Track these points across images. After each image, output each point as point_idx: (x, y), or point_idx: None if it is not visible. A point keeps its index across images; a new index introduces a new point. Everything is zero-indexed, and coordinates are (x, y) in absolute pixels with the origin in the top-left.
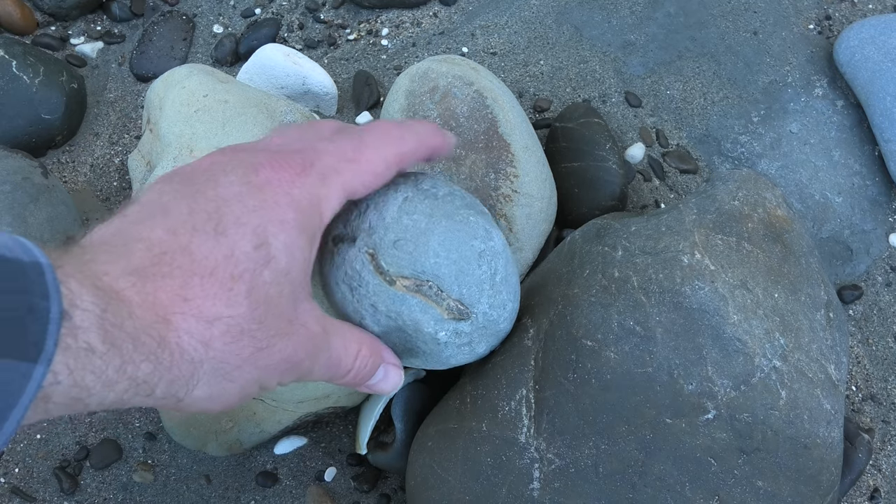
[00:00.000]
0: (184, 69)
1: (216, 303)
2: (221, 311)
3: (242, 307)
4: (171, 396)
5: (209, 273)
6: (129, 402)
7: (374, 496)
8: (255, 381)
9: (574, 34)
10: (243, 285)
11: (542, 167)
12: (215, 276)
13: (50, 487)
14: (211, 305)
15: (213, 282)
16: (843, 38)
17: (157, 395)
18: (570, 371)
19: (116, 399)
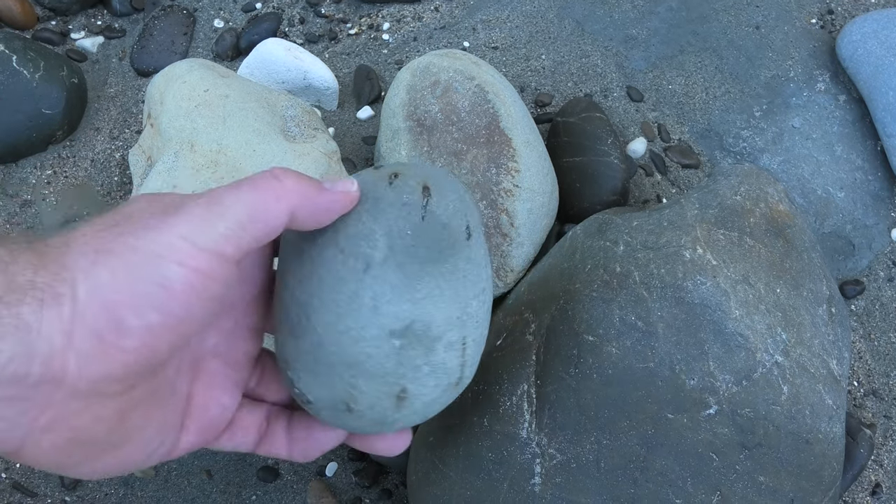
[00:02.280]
0: (184, 64)
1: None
2: (77, 226)
3: (101, 215)
4: (63, 297)
5: None
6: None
7: (375, 491)
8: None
9: (576, 28)
10: (102, 214)
11: (543, 162)
12: None
13: (51, 483)
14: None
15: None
16: (846, 33)
17: (48, 300)
18: (571, 366)
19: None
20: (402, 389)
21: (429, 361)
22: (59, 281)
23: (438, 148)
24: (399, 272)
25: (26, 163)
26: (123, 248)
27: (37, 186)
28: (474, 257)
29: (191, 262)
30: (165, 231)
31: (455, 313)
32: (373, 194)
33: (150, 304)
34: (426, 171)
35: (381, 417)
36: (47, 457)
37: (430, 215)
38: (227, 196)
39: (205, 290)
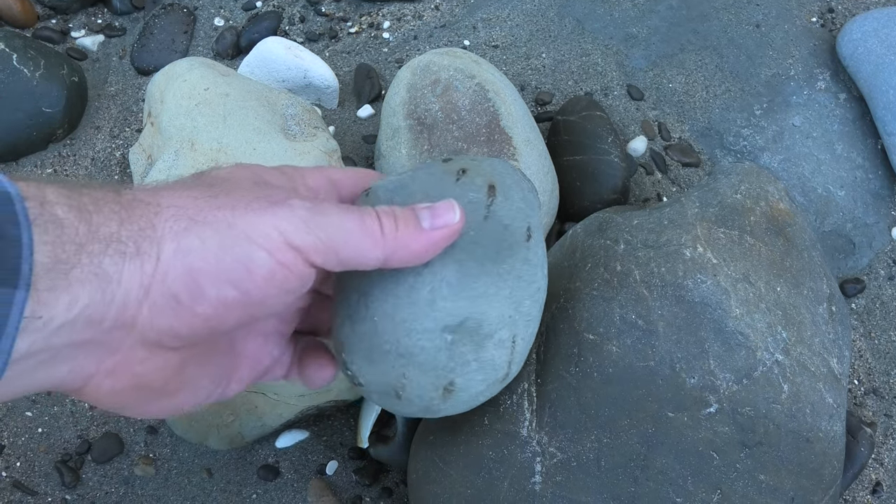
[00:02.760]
0: (185, 62)
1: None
2: (167, 184)
3: (185, 180)
4: (146, 254)
5: None
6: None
7: (375, 490)
8: (233, 225)
9: (576, 27)
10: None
11: (543, 160)
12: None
13: (51, 481)
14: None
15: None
16: (846, 31)
17: (130, 253)
18: (571, 365)
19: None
20: (450, 382)
21: (478, 357)
22: (145, 238)
23: (439, 146)
24: (458, 269)
25: (27, 161)
26: (219, 222)
27: None
28: (532, 258)
29: (278, 255)
30: (265, 219)
31: (508, 312)
32: (438, 188)
33: (230, 280)
34: (494, 167)
35: (428, 406)
36: (107, 398)
37: (493, 215)
38: (334, 214)
39: (284, 283)
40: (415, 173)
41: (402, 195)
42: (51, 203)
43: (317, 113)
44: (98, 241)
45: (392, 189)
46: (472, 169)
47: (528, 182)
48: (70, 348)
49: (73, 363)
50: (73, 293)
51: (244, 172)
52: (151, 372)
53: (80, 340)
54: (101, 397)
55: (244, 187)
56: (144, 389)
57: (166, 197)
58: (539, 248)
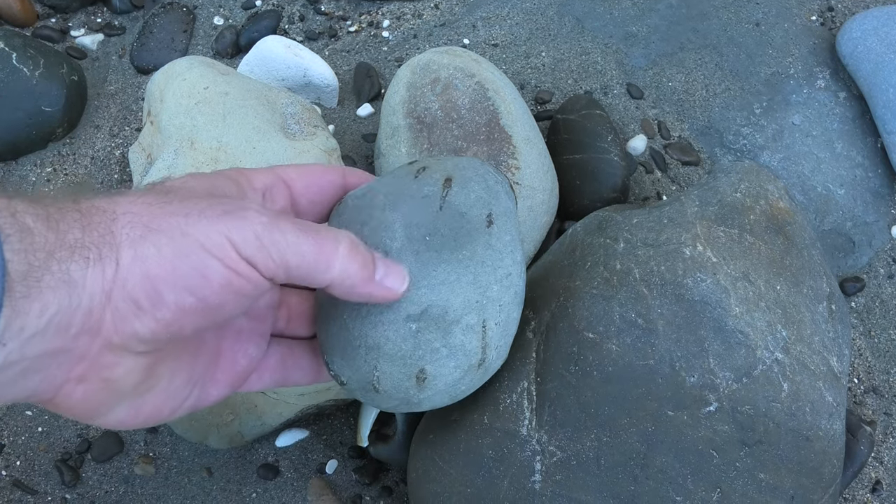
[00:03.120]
0: (184, 61)
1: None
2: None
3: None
4: (108, 259)
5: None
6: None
7: (375, 489)
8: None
9: (576, 26)
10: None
11: (543, 159)
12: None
13: (51, 480)
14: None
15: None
16: (846, 30)
17: (93, 259)
18: (571, 363)
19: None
20: (420, 370)
21: (446, 343)
22: (105, 244)
23: (439, 145)
24: (415, 260)
25: (26, 160)
26: (173, 229)
27: (37, 184)
28: (495, 244)
29: (231, 264)
30: (218, 228)
31: (474, 297)
32: (397, 188)
33: (187, 286)
34: (457, 164)
35: (406, 397)
36: (79, 405)
37: (449, 205)
38: (291, 233)
39: (240, 289)
40: (382, 178)
41: (366, 198)
42: (20, 213)
43: (316, 112)
44: (65, 247)
45: (358, 195)
46: (432, 167)
47: (496, 175)
48: (42, 357)
49: (44, 373)
50: (43, 300)
51: (198, 182)
52: (121, 377)
53: (51, 349)
54: (74, 405)
55: (198, 195)
56: (116, 395)
57: (122, 204)
58: (506, 234)
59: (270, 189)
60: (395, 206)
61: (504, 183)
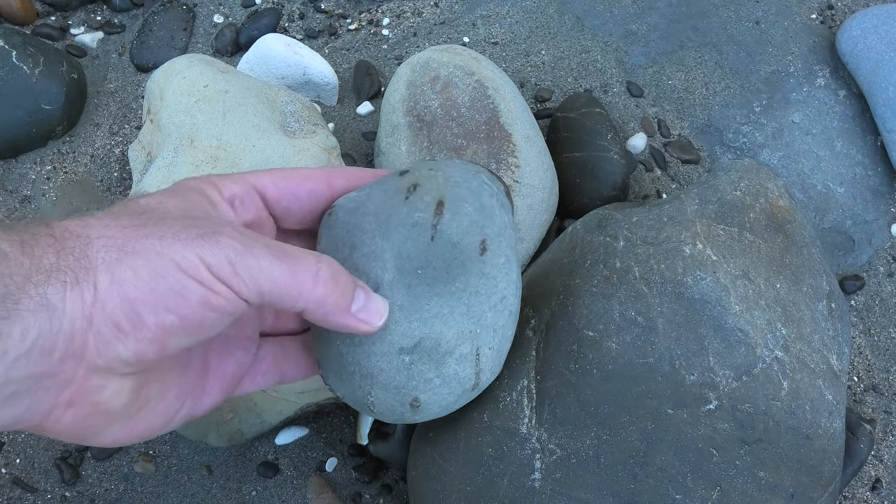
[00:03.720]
0: (184, 59)
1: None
2: (96, 214)
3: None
4: (85, 283)
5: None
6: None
7: (375, 487)
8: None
9: (576, 24)
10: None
11: (543, 157)
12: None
13: (51, 478)
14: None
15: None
16: (846, 28)
17: (70, 282)
18: (571, 361)
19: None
20: (414, 399)
21: (440, 374)
22: (81, 268)
23: (438, 143)
24: (407, 293)
25: (26, 158)
26: (149, 251)
27: (36, 182)
28: (489, 271)
29: (208, 284)
30: (193, 251)
31: (468, 328)
32: (386, 209)
33: (166, 305)
34: (450, 178)
35: (400, 417)
36: (69, 429)
37: (441, 235)
38: (264, 258)
39: (219, 307)
40: (372, 191)
41: (357, 216)
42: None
43: (316, 110)
44: (41, 272)
45: (349, 210)
46: (424, 184)
47: (490, 187)
48: (28, 381)
49: (31, 398)
50: (24, 323)
51: (172, 201)
52: (109, 399)
53: (37, 373)
54: (63, 430)
55: (173, 216)
56: (106, 416)
57: (95, 228)
58: (500, 257)
59: (241, 198)
60: (386, 233)
61: (499, 194)
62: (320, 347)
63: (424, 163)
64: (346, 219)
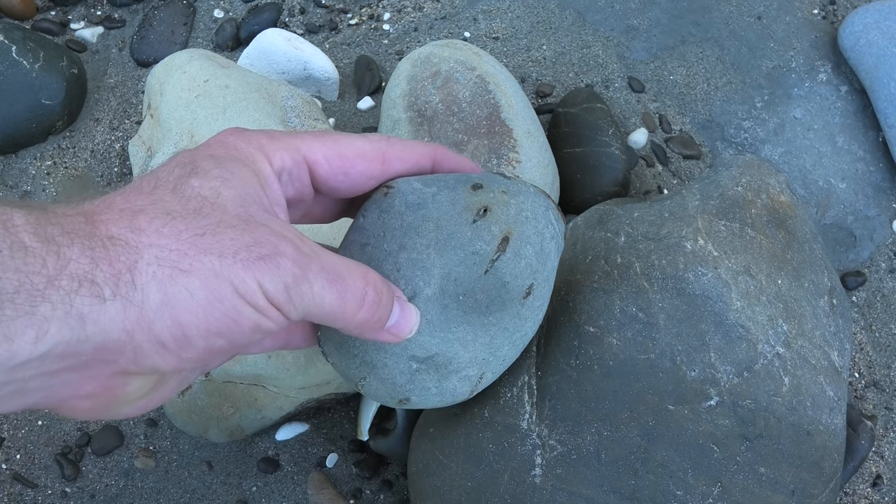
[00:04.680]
0: (184, 54)
1: (139, 199)
2: (144, 203)
3: (166, 199)
4: (127, 300)
5: (132, 190)
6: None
7: (375, 482)
8: (220, 276)
9: (577, 19)
10: (167, 187)
11: (544, 153)
12: (137, 189)
13: (51, 474)
14: (134, 200)
15: (134, 192)
16: (848, 23)
17: (107, 296)
18: (572, 357)
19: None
20: (404, 398)
21: (439, 386)
22: (125, 283)
23: (439, 139)
24: (440, 313)
25: (26, 153)
26: (207, 273)
27: (36, 177)
28: (525, 313)
29: (262, 310)
30: (253, 276)
31: (482, 356)
32: (450, 224)
33: (219, 331)
34: (522, 210)
35: (384, 403)
36: (85, 414)
37: (495, 271)
38: (318, 285)
39: (266, 329)
40: (439, 193)
41: (417, 217)
42: (18, 228)
43: (317, 105)
44: (69, 277)
45: (410, 204)
46: (495, 211)
47: (555, 226)
48: (41, 378)
49: (46, 392)
50: (40, 328)
51: (228, 190)
52: (129, 392)
53: (54, 370)
54: (78, 414)
55: (230, 219)
56: (123, 403)
57: (147, 234)
58: (538, 300)
59: (290, 171)
60: (442, 250)
61: (558, 237)
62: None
63: (498, 178)
64: (404, 212)
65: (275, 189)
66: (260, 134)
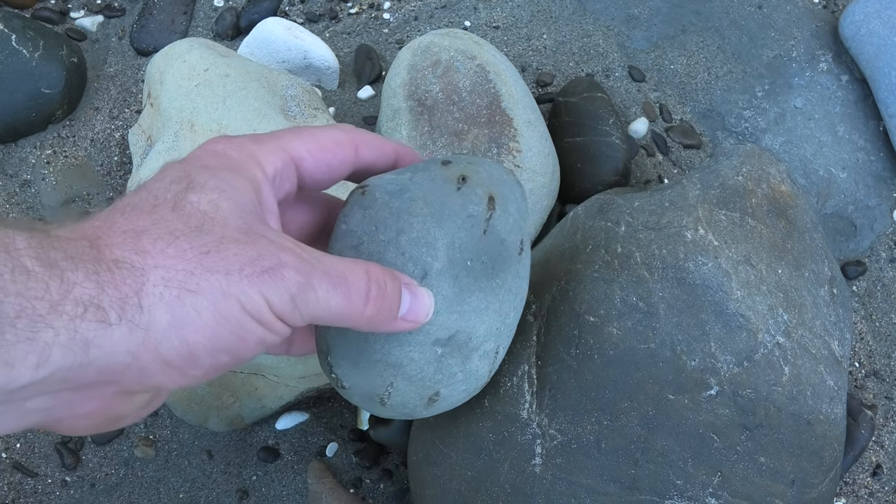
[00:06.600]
0: (184, 43)
1: (140, 220)
2: (146, 224)
3: (168, 218)
4: (133, 323)
5: (131, 208)
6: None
7: (375, 472)
8: (227, 294)
9: (577, 8)
10: (166, 205)
11: (544, 142)
12: (137, 208)
13: (51, 463)
14: (136, 221)
15: (135, 211)
16: (849, 13)
17: (113, 321)
18: (572, 347)
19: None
20: (435, 393)
21: (464, 369)
22: (133, 306)
23: (439, 128)
24: (453, 284)
25: (26, 142)
26: (214, 292)
27: (36, 166)
28: (521, 272)
29: (268, 325)
30: (259, 291)
31: (495, 325)
32: (438, 197)
33: (225, 348)
34: (492, 175)
35: (410, 412)
36: (80, 432)
37: (492, 230)
38: (322, 289)
39: (269, 344)
40: (414, 176)
41: (403, 200)
42: (20, 251)
43: (317, 94)
44: (73, 302)
45: (392, 192)
46: (473, 177)
47: (520, 188)
48: (41, 398)
49: (45, 414)
50: (42, 354)
51: (226, 201)
52: (127, 409)
53: (53, 391)
54: (73, 431)
55: (232, 233)
56: (118, 421)
57: (152, 255)
58: (528, 259)
59: (282, 174)
60: (440, 221)
61: (525, 197)
62: (335, 332)
63: (457, 155)
64: (388, 201)
65: (268, 197)
66: (248, 140)
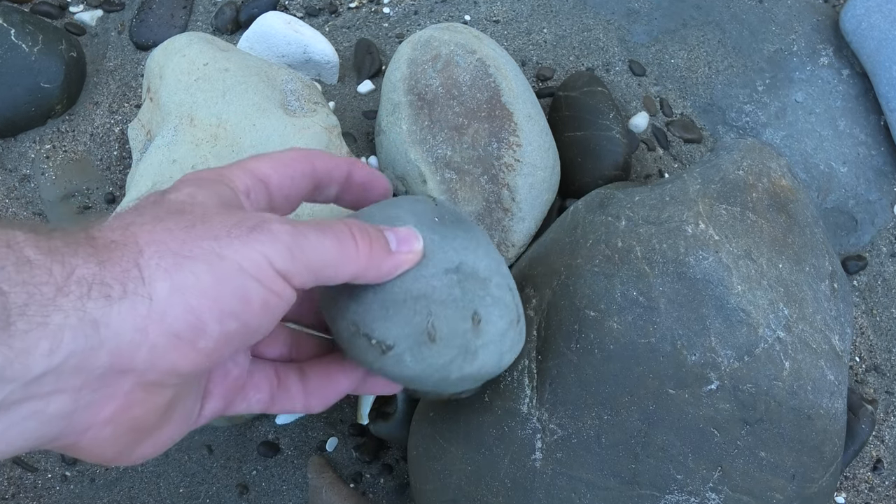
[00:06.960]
0: (184, 37)
1: (125, 217)
2: (132, 218)
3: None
4: (137, 295)
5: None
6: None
7: (375, 466)
8: (222, 256)
9: (578, 2)
10: (147, 207)
11: (545, 136)
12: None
13: (51, 457)
14: (122, 219)
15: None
16: (850, 6)
17: (117, 296)
18: (572, 341)
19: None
20: (475, 311)
21: (489, 293)
22: (133, 279)
23: (439, 122)
24: (433, 231)
25: (25, 137)
26: (209, 255)
27: (36, 161)
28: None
29: (269, 283)
30: (251, 247)
31: (493, 265)
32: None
33: (232, 312)
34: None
35: (464, 343)
36: (102, 448)
37: (441, 203)
38: (312, 236)
39: (275, 308)
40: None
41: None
42: (20, 244)
43: (317, 88)
44: (77, 282)
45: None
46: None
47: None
48: (60, 399)
49: (67, 421)
50: (53, 339)
51: (201, 193)
52: (148, 413)
53: (71, 387)
54: (96, 448)
55: (213, 210)
56: (140, 432)
57: (143, 234)
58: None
59: (253, 189)
60: (397, 204)
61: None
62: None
63: None
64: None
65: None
66: (214, 168)
